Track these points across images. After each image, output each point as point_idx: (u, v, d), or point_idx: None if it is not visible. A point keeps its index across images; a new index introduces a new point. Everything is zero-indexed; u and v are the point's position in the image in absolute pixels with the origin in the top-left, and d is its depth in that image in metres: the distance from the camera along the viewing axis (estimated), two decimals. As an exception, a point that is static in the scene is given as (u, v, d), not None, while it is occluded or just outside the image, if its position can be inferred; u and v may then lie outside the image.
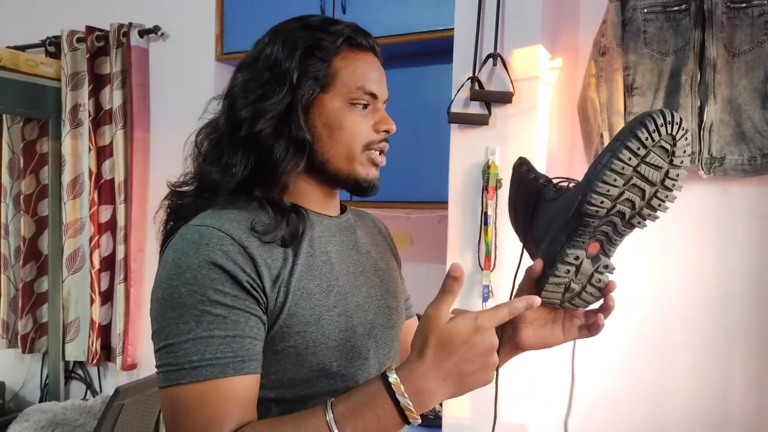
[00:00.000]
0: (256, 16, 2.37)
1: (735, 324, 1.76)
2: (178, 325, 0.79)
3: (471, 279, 1.83)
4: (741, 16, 1.69)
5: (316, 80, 0.91)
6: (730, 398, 1.76)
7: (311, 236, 0.93)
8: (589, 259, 0.85)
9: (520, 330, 0.93)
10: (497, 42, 1.80)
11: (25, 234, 2.80)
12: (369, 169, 0.96)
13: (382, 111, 0.97)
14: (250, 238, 0.84)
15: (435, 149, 2.03)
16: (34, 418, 2.32)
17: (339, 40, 0.93)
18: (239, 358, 0.79)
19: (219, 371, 0.78)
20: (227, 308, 0.80)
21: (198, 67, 2.51)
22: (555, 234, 0.86)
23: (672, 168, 0.79)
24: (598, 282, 0.86)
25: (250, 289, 0.82)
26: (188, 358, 0.78)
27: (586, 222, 0.82)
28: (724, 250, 1.78)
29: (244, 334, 0.80)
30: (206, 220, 0.86)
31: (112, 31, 2.59)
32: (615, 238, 0.84)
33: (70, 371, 2.82)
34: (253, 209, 0.89)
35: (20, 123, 2.82)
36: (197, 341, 0.78)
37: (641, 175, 0.79)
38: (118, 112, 2.58)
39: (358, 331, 0.93)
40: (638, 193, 0.80)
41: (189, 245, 0.83)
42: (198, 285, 0.80)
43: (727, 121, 1.70)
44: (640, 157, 0.78)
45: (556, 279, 0.86)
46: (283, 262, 0.87)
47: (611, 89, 1.77)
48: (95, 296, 2.62)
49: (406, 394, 0.73)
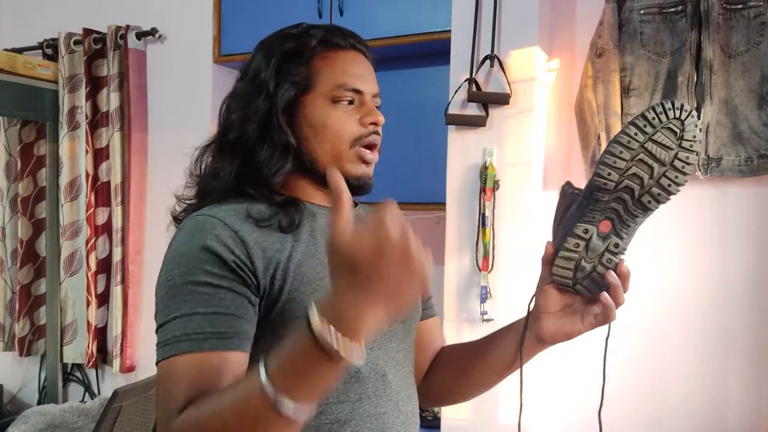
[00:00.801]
0: (253, 18, 2.37)
1: (733, 324, 1.77)
2: (170, 306, 0.83)
3: (469, 280, 1.84)
4: (737, 18, 1.69)
5: (295, 84, 0.94)
6: (728, 398, 1.77)
7: (313, 227, 0.94)
8: (600, 237, 0.86)
9: (541, 320, 0.93)
10: (494, 43, 1.80)
11: (22, 236, 2.80)
12: (358, 167, 0.96)
13: (369, 105, 0.97)
14: (245, 224, 0.88)
15: (433, 151, 2.03)
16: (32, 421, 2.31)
17: (314, 42, 0.95)
18: (219, 334, 0.81)
19: (196, 345, 0.80)
20: (212, 287, 0.82)
21: (195, 70, 2.51)
22: (570, 216, 0.89)
23: (681, 150, 0.82)
24: (609, 262, 0.87)
25: (236, 269, 0.84)
26: (173, 333, 0.81)
27: (596, 197, 0.85)
28: (722, 250, 1.78)
29: (227, 312, 0.82)
30: (204, 211, 0.90)
31: (109, 34, 2.59)
32: (626, 218, 0.85)
33: (68, 374, 2.81)
34: (253, 201, 0.92)
35: (17, 125, 2.82)
36: (182, 318, 0.81)
37: (649, 152, 0.82)
38: (115, 114, 2.58)
39: None
40: (647, 171, 0.83)
41: (186, 234, 0.88)
42: (188, 267, 0.84)
43: (724, 122, 1.71)
44: (647, 134, 0.82)
45: (566, 253, 0.88)
46: (281, 246, 0.89)
47: (608, 90, 1.78)
48: (92, 299, 2.62)
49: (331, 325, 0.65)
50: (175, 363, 0.80)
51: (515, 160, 1.79)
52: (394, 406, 0.95)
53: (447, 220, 1.88)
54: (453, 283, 1.86)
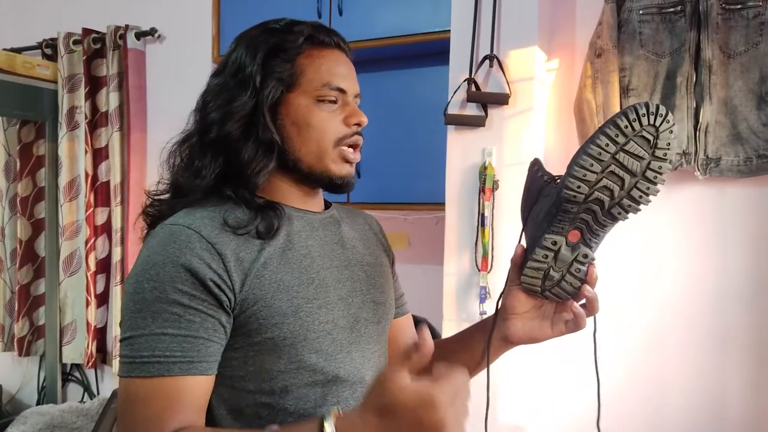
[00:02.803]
0: (252, 17, 2.35)
1: (731, 324, 1.77)
2: (137, 320, 0.82)
3: (468, 280, 1.84)
4: (736, 18, 1.69)
5: (280, 81, 0.93)
6: (727, 397, 1.77)
7: (289, 231, 0.94)
8: (569, 247, 0.85)
9: (509, 321, 0.94)
10: (494, 43, 1.80)
11: (21, 236, 2.80)
12: (341, 166, 0.95)
13: (352, 105, 0.97)
14: (222, 234, 0.86)
15: (432, 151, 2.03)
16: (32, 421, 2.32)
17: (300, 39, 0.94)
18: (188, 358, 0.81)
19: (165, 369, 0.80)
20: (183, 307, 0.82)
21: (195, 69, 2.51)
22: (539, 221, 0.87)
23: (654, 160, 0.78)
24: (578, 272, 0.86)
25: (213, 287, 0.83)
26: (140, 352, 0.81)
27: (566, 208, 0.82)
28: (721, 250, 1.78)
29: (197, 335, 0.82)
30: (178, 219, 0.88)
31: (108, 34, 2.59)
32: (596, 228, 0.83)
33: (67, 374, 2.81)
34: (228, 206, 0.91)
35: (17, 125, 2.82)
36: (150, 337, 0.81)
37: (620, 164, 0.78)
38: (114, 114, 2.58)
39: (340, 323, 0.93)
40: (617, 182, 0.79)
41: (158, 243, 0.85)
42: (159, 282, 0.82)
43: (723, 122, 1.71)
44: (619, 144, 0.77)
45: (535, 263, 0.86)
46: (257, 254, 0.88)
47: (607, 91, 1.78)
48: (91, 299, 2.62)
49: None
50: (142, 386, 0.80)
51: (514, 160, 1.79)
52: None
53: (446, 220, 1.88)
54: (452, 283, 1.86)
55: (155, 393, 0.79)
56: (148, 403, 0.79)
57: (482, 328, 1.02)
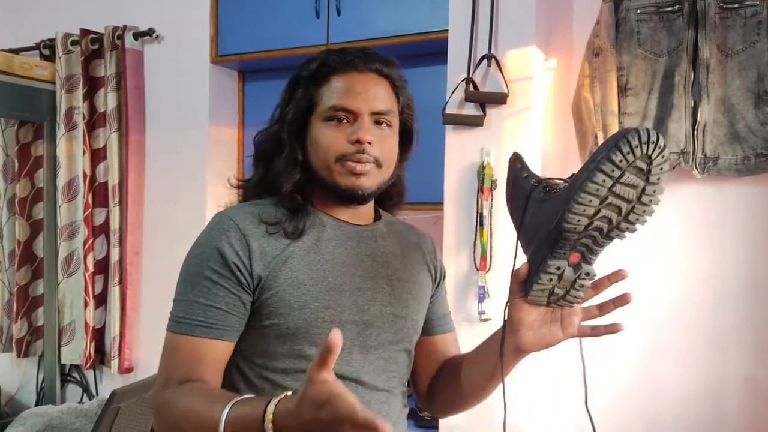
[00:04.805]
0: (250, 18, 2.37)
1: (730, 322, 1.77)
2: (181, 287, 1.02)
3: (467, 280, 1.84)
4: (734, 17, 1.70)
5: (300, 107, 1.06)
6: (726, 396, 1.77)
7: (320, 236, 1.05)
8: (570, 267, 0.88)
9: (520, 333, 0.97)
10: (491, 43, 1.80)
11: (19, 237, 2.79)
12: (346, 179, 1.03)
13: (359, 123, 1.04)
14: (257, 228, 1.02)
15: (430, 150, 2.03)
16: (30, 422, 2.31)
17: (324, 70, 1.06)
18: (208, 324, 0.98)
19: (189, 329, 0.98)
20: (212, 282, 0.99)
21: (193, 70, 2.51)
22: (539, 243, 0.89)
23: (649, 185, 0.80)
24: (581, 287, 0.90)
25: (236, 270, 0.99)
26: (177, 313, 1.00)
27: (566, 236, 0.85)
28: (719, 249, 1.78)
29: (219, 307, 0.99)
30: (228, 211, 1.06)
31: (106, 34, 2.58)
32: (595, 249, 0.87)
33: (66, 375, 2.81)
34: (272, 205, 1.06)
35: (15, 126, 2.81)
36: (185, 303, 1.00)
37: (617, 195, 0.80)
38: (112, 114, 2.57)
39: (347, 326, 1.02)
40: (615, 210, 0.82)
41: (207, 228, 1.04)
42: (199, 259, 1.01)
43: (721, 121, 1.71)
44: (614, 179, 0.79)
45: (540, 286, 0.90)
46: (282, 251, 1.01)
47: (605, 90, 1.78)
48: (89, 299, 2.61)
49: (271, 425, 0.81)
50: (174, 340, 0.99)
51: (513, 159, 1.79)
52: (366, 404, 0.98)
53: (445, 220, 1.88)
54: (451, 283, 1.86)
55: (181, 347, 0.98)
56: (175, 354, 0.99)
57: (495, 340, 1.05)
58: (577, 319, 0.97)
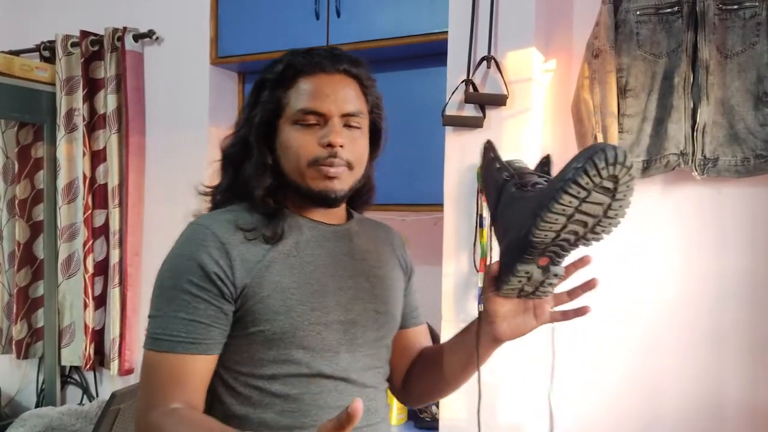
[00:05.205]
0: (250, 19, 2.38)
1: (728, 323, 1.77)
2: (158, 302, 0.99)
3: (467, 281, 1.84)
4: (733, 18, 1.70)
5: (267, 110, 1.05)
6: (725, 397, 1.77)
7: (298, 239, 1.05)
8: (539, 269, 0.92)
9: (495, 325, 1.00)
10: (491, 44, 1.81)
11: (19, 239, 2.79)
12: (320, 182, 1.03)
13: (330, 126, 1.03)
14: (234, 236, 1.00)
15: (430, 152, 2.04)
16: (30, 423, 2.31)
17: (290, 72, 1.05)
18: (190, 339, 0.96)
19: (171, 347, 0.96)
20: (192, 296, 0.96)
21: (193, 71, 2.51)
22: (509, 246, 0.92)
23: (615, 201, 0.81)
24: (550, 286, 0.95)
25: (217, 280, 0.97)
26: (156, 330, 0.97)
27: (534, 245, 0.86)
28: (718, 250, 1.79)
29: (201, 320, 0.96)
30: (202, 220, 1.04)
31: (106, 36, 2.59)
32: (563, 254, 0.90)
33: (66, 376, 2.81)
34: (246, 211, 1.04)
35: (15, 127, 2.81)
36: (164, 318, 0.97)
37: (583, 212, 0.81)
38: (112, 116, 2.57)
39: (333, 326, 1.03)
40: (581, 225, 0.83)
41: (182, 239, 1.02)
42: (176, 272, 0.98)
43: (720, 122, 1.71)
44: (581, 199, 0.79)
45: (510, 285, 0.94)
46: (262, 257, 1.00)
47: (605, 91, 1.78)
48: (89, 301, 2.61)
49: None
50: (155, 358, 0.96)
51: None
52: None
53: (444, 221, 1.88)
54: (450, 283, 1.86)
55: (163, 366, 0.95)
56: (156, 374, 0.96)
57: (471, 331, 1.07)
58: (549, 306, 1.00)
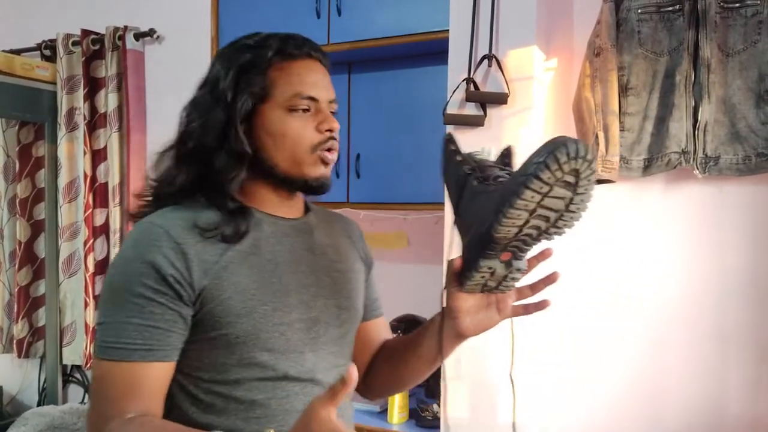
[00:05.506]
0: (251, 17, 2.37)
1: (731, 323, 1.77)
2: (108, 308, 0.93)
3: (468, 280, 1.84)
4: (734, 16, 1.69)
5: (252, 94, 0.99)
6: (727, 396, 1.77)
7: (258, 237, 1.00)
8: (502, 264, 0.90)
9: (458, 320, 0.98)
10: (492, 43, 1.80)
11: (20, 238, 2.80)
12: (318, 169, 1.01)
13: (324, 112, 1.02)
14: (190, 235, 0.94)
15: (431, 150, 2.03)
16: (32, 422, 2.31)
17: (270, 53, 1.00)
18: (147, 346, 0.90)
19: (126, 355, 0.89)
20: (146, 300, 0.90)
21: (194, 70, 2.45)
22: (471, 241, 0.91)
23: (576, 196, 0.80)
24: (513, 280, 0.94)
25: (174, 282, 0.91)
26: (107, 338, 0.91)
27: (497, 240, 0.86)
28: (720, 249, 1.78)
29: (157, 326, 0.90)
30: (154, 218, 0.97)
31: (107, 35, 2.59)
32: (525, 248, 0.89)
33: (68, 375, 2.81)
34: (203, 209, 0.98)
35: (16, 126, 2.82)
36: (116, 324, 0.90)
37: (545, 207, 0.81)
38: (113, 115, 2.58)
39: (296, 325, 0.99)
40: (543, 220, 0.83)
41: (133, 240, 0.95)
42: (128, 275, 0.91)
43: (722, 120, 1.71)
44: (543, 194, 0.79)
45: (473, 281, 0.93)
46: (219, 257, 0.95)
47: (606, 89, 1.78)
48: (90, 300, 2.62)
49: None
50: (108, 367, 0.90)
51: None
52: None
53: (446, 220, 1.88)
54: (452, 282, 1.85)
55: (117, 375, 0.89)
56: (110, 384, 0.89)
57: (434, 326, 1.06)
58: (511, 301, 0.99)
